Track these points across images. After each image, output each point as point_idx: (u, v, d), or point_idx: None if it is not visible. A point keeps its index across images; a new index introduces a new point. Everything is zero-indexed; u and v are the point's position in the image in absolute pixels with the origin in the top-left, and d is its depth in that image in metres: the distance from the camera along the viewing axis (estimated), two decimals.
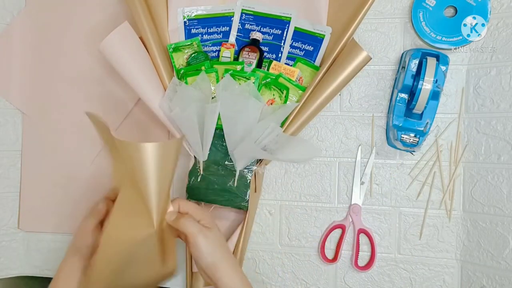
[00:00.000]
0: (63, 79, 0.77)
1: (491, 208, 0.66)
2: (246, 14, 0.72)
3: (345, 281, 0.72)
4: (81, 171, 0.77)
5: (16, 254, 0.79)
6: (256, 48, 0.69)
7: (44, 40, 0.78)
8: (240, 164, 0.67)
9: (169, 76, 0.68)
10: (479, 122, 0.68)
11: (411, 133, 0.64)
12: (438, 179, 0.69)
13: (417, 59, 0.63)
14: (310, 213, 0.73)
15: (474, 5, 0.65)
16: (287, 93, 0.68)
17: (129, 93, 0.74)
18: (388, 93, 0.71)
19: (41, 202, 0.78)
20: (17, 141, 0.79)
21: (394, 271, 0.71)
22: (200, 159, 0.68)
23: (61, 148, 0.78)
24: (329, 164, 0.73)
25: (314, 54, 0.71)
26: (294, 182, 0.73)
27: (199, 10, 0.73)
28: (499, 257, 0.65)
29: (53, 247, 0.79)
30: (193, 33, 0.73)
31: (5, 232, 0.78)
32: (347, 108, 0.72)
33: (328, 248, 0.73)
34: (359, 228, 0.71)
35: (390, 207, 0.71)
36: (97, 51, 0.65)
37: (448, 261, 0.69)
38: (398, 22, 0.70)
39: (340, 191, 0.72)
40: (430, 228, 0.70)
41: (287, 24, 0.71)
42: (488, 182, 0.67)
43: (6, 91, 0.78)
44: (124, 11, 0.75)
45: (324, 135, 0.73)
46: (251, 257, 0.74)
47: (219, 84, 0.66)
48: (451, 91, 0.69)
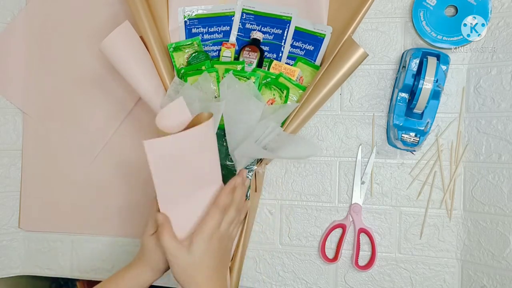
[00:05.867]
0: (63, 78, 0.77)
1: (491, 208, 0.66)
2: (246, 13, 0.72)
3: (345, 281, 0.72)
4: (81, 170, 0.77)
5: (16, 254, 0.79)
6: (257, 48, 0.69)
7: (45, 39, 0.78)
8: (241, 164, 0.67)
9: (170, 76, 0.68)
10: (479, 122, 0.68)
11: (412, 133, 0.64)
12: (438, 178, 0.69)
13: (417, 58, 0.63)
14: (310, 212, 0.73)
15: (474, 5, 0.65)
16: (288, 93, 0.68)
17: (130, 92, 0.74)
18: (388, 92, 0.71)
19: (42, 202, 0.78)
20: (18, 141, 0.79)
21: (395, 270, 0.71)
22: None
23: (61, 148, 0.78)
24: (330, 164, 0.73)
25: (315, 54, 0.71)
26: (295, 181, 0.73)
27: (199, 9, 0.73)
28: (500, 256, 0.65)
29: (53, 247, 0.79)
30: (194, 33, 0.73)
31: (6, 231, 0.78)
32: (347, 108, 0.72)
33: (328, 248, 0.73)
34: (360, 227, 0.71)
35: (391, 206, 0.71)
36: (98, 51, 0.65)
37: (448, 261, 0.69)
38: (398, 21, 0.70)
39: (341, 190, 0.72)
40: (430, 227, 0.70)
41: (287, 24, 0.71)
42: (488, 181, 0.67)
43: (6, 91, 0.78)
44: (124, 10, 0.75)
45: (325, 134, 0.73)
46: (251, 257, 0.74)
47: (223, 82, 0.66)
48: (451, 91, 0.69)
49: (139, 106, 0.76)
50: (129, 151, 0.76)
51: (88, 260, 0.78)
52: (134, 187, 0.76)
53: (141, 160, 0.76)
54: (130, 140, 0.76)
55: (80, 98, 0.77)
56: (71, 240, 0.79)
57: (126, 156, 0.76)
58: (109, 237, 0.78)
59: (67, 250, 0.79)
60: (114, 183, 0.77)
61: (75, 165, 0.78)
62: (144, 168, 0.76)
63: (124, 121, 0.76)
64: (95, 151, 0.77)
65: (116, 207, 0.77)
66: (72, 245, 0.78)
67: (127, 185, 0.76)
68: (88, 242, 0.78)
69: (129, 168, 0.76)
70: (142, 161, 0.79)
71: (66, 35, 0.77)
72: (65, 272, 0.79)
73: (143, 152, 0.51)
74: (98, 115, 0.77)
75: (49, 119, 0.78)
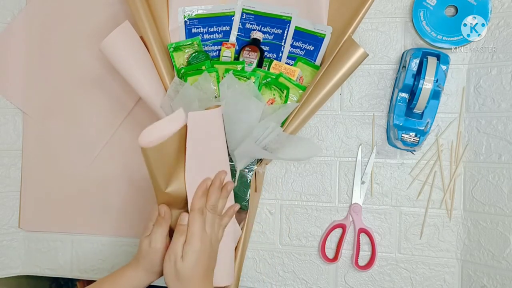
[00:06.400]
0: (63, 78, 0.77)
1: (491, 208, 0.66)
2: (246, 13, 0.72)
3: (345, 281, 0.72)
4: (81, 170, 0.77)
5: (16, 254, 0.79)
6: (257, 48, 0.69)
7: (45, 39, 0.78)
8: (241, 164, 0.67)
9: (170, 76, 0.68)
10: (479, 122, 0.68)
11: (412, 133, 0.64)
12: (438, 178, 0.69)
13: (417, 58, 0.63)
14: (310, 212, 0.73)
15: (474, 5, 0.65)
16: (288, 92, 0.68)
17: (130, 92, 0.74)
18: (388, 92, 0.71)
19: (42, 202, 0.78)
20: (18, 141, 0.79)
21: (395, 270, 0.71)
22: None
23: (61, 148, 0.78)
24: (330, 164, 0.73)
25: (315, 54, 0.71)
26: (295, 181, 0.73)
27: (199, 9, 0.73)
28: (500, 256, 0.65)
29: (53, 247, 0.79)
30: (194, 33, 0.73)
31: (6, 231, 0.78)
32: (347, 108, 0.72)
33: (328, 248, 0.73)
34: (360, 227, 0.71)
35: (391, 206, 0.71)
36: (98, 51, 0.65)
37: (448, 261, 0.69)
38: (398, 21, 0.70)
39: (341, 190, 0.72)
40: (430, 227, 0.70)
41: (287, 24, 0.71)
42: (488, 181, 0.67)
43: (6, 91, 0.78)
44: (124, 10, 0.75)
45: (325, 134, 0.73)
46: (251, 257, 0.74)
47: (223, 82, 0.66)
48: (451, 91, 0.69)
49: (139, 106, 0.76)
50: (129, 151, 0.76)
51: (88, 260, 0.78)
52: (134, 187, 0.76)
53: (141, 160, 0.77)
54: (130, 140, 0.76)
55: (80, 98, 0.77)
56: (71, 240, 0.79)
57: (126, 156, 0.76)
58: (109, 237, 0.78)
59: (67, 250, 0.79)
60: (114, 183, 0.77)
61: (75, 165, 0.78)
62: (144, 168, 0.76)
63: (124, 121, 0.76)
64: (95, 151, 0.77)
65: (116, 207, 0.77)
66: (72, 245, 0.78)
67: (127, 185, 0.76)
68: (88, 242, 0.78)
69: (129, 168, 0.76)
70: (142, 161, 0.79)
71: (66, 35, 0.77)
72: (65, 272, 0.79)
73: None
74: (98, 115, 0.77)
75: (49, 119, 0.78)
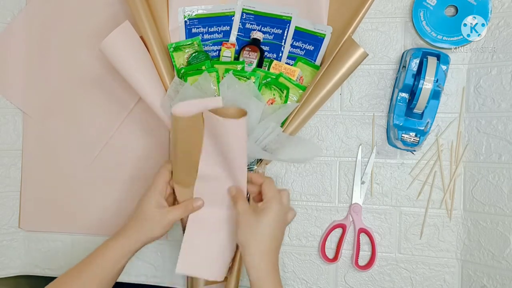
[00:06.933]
0: (63, 78, 0.77)
1: (491, 208, 0.66)
2: (246, 13, 0.72)
3: (345, 281, 0.72)
4: (81, 170, 0.77)
5: (16, 253, 0.79)
6: (257, 48, 0.69)
7: (45, 39, 0.78)
8: None
9: (170, 76, 0.68)
10: (479, 122, 0.68)
11: (412, 133, 0.64)
12: (438, 178, 0.69)
13: (417, 58, 0.63)
14: (310, 212, 0.73)
15: (474, 5, 0.65)
16: (288, 92, 0.68)
17: (130, 92, 0.74)
18: (388, 92, 0.71)
19: (42, 202, 0.78)
20: (18, 141, 0.79)
21: (395, 270, 0.71)
22: None
23: (61, 148, 0.78)
24: (330, 164, 0.73)
25: (315, 54, 0.71)
26: (295, 181, 0.73)
27: (199, 9, 0.73)
28: (500, 256, 0.65)
29: (53, 247, 0.79)
30: (194, 33, 0.73)
31: (6, 231, 0.78)
32: (347, 108, 0.72)
33: (328, 248, 0.73)
34: (360, 227, 0.71)
35: (391, 206, 0.71)
36: (98, 51, 0.65)
37: (448, 261, 0.69)
38: (398, 21, 0.70)
39: (341, 190, 0.72)
40: (430, 227, 0.70)
41: (287, 24, 0.71)
42: (488, 181, 0.67)
43: (6, 91, 0.78)
44: (124, 10, 0.75)
45: (325, 134, 0.73)
46: None
47: (223, 82, 0.66)
48: (451, 91, 0.69)
49: (139, 106, 0.76)
50: (129, 151, 0.76)
51: None
52: (134, 187, 0.76)
53: (141, 160, 0.77)
54: (131, 140, 0.76)
55: (80, 98, 0.77)
56: (71, 240, 0.79)
57: (126, 156, 0.76)
58: (109, 237, 0.78)
59: (67, 250, 0.79)
60: (114, 183, 0.77)
61: (75, 165, 0.77)
62: (144, 168, 0.76)
63: (124, 121, 0.76)
64: (95, 151, 0.77)
65: (116, 207, 0.77)
66: (72, 245, 0.78)
67: (127, 185, 0.76)
68: (88, 242, 0.78)
69: (130, 168, 0.76)
70: (142, 161, 0.79)
71: (66, 35, 0.77)
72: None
73: (143, 153, 0.52)
74: (98, 115, 0.77)
75: (49, 119, 0.78)
